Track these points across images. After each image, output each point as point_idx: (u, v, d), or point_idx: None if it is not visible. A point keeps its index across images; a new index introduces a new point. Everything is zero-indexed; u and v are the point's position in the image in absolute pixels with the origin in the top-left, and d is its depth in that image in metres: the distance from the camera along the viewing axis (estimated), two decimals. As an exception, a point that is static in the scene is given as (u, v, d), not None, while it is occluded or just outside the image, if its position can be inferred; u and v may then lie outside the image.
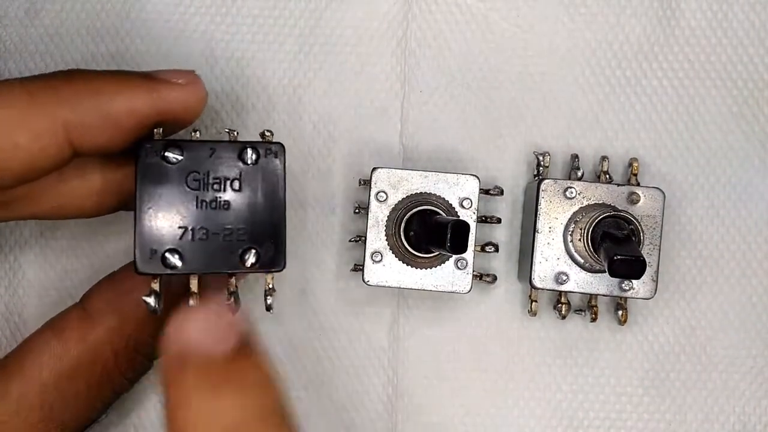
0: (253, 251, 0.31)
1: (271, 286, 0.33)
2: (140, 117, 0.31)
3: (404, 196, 0.37)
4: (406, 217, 0.36)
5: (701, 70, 0.40)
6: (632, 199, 0.37)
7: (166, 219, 0.31)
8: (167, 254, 0.30)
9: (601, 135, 0.40)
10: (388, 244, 0.37)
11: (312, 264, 0.40)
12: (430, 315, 0.40)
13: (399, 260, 0.36)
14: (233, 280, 0.32)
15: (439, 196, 0.36)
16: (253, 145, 0.32)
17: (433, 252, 0.36)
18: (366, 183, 0.37)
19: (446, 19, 0.40)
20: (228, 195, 0.31)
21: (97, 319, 0.34)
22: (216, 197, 0.31)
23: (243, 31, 0.40)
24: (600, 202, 0.37)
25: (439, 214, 0.36)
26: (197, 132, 0.32)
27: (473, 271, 0.37)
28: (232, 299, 0.32)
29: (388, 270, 0.37)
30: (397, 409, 0.40)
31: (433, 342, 0.40)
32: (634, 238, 0.35)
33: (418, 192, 0.37)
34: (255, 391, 0.28)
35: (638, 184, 0.38)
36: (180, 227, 0.31)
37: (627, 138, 0.40)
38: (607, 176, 0.38)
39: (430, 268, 0.36)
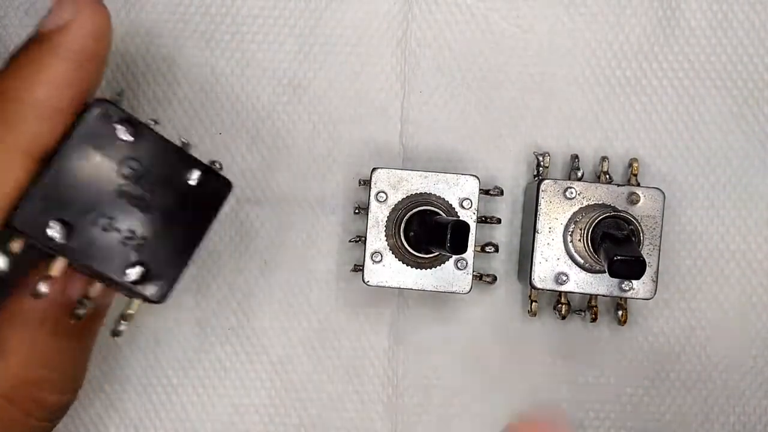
0: (141, 270, 0.28)
1: (132, 312, 0.29)
2: (70, 92, 0.27)
3: (404, 197, 0.37)
4: (406, 218, 0.36)
5: (701, 70, 0.40)
6: (632, 199, 0.37)
7: (79, 188, 0.27)
8: (53, 223, 0.26)
9: (601, 135, 0.40)
10: (388, 245, 0.37)
11: (312, 264, 0.40)
12: (430, 315, 0.40)
13: (399, 260, 0.36)
14: (96, 287, 0.29)
15: (439, 196, 0.36)
16: (206, 169, 0.29)
17: (433, 252, 0.36)
18: (366, 183, 0.37)
19: (446, 19, 0.40)
20: (155, 201, 0.28)
21: None
22: (142, 196, 0.28)
23: (243, 31, 0.40)
24: (600, 202, 0.37)
25: (439, 214, 0.36)
26: (157, 123, 0.29)
27: (473, 271, 0.37)
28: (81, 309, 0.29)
29: (388, 270, 0.37)
30: (397, 409, 0.40)
31: (433, 342, 0.40)
32: (634, 239, 0.35)
33: (418, 192, 0.37)
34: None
35: (638, 185, 0.38)
36: (87, 204, 0.27)
37: (627, 138, 0.40)
38: (607, 176, 0.38)
39: (430, 268, 0.36)
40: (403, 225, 0.36)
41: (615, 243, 0.34)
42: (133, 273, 0.27)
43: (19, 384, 0.30)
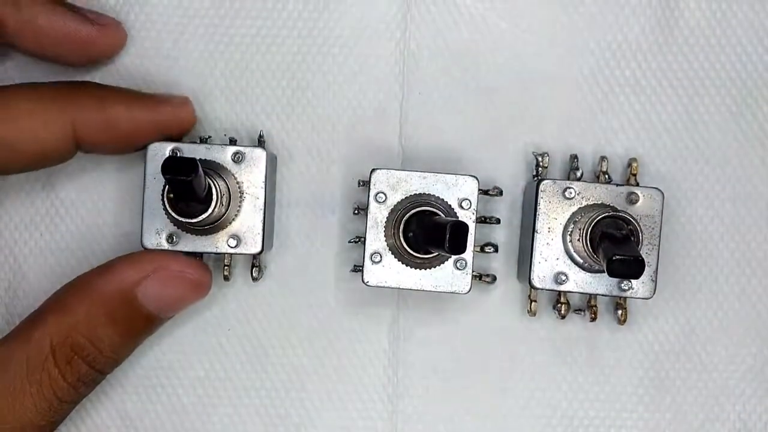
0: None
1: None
2: (138, 123, 0.36)
3: (403, 197, 0.37)
4: (405, 218, 0.36)
5: (700, 69, 0.40)
6: (631, 199, 0.37)
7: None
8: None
9: (600, 135, 0.40)
10: (387, 245, 0.37)
11: (312, 265, 0.40)
12: (429, 315, 0.40)
13: (398, 261, 0.36)
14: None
15: (438, 196, 0.36)
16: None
17: (433, 253, 0.36)
18: (365, 184, 0.37)
19: (445, 20, 0.40)
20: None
21: (45, 314, 0.35)
22: None
23: (243, 31, 0.40)
24: (599, 202, 0.37)
25: (438, 214, 0.36)
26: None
27: (472, 271, 0.37)
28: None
29: (387, 271, 0.37)
30: (397, 409, 0.40)
31: (433, 342, 0.40)
32: (633, 238, 0.35)
33: (417, 193, 0.37)
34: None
35: (637, 184, 0.38)
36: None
37: (626, 138, 0.40)
38: (606, 176, 0.38)
39: (430, 268, 0.36)
40: (402, 225, 0.36)
41: (614, 243, 0.34)
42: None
43: (64, 343, 0.34)
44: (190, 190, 0.33)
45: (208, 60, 0.40)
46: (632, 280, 0.37)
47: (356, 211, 0.38)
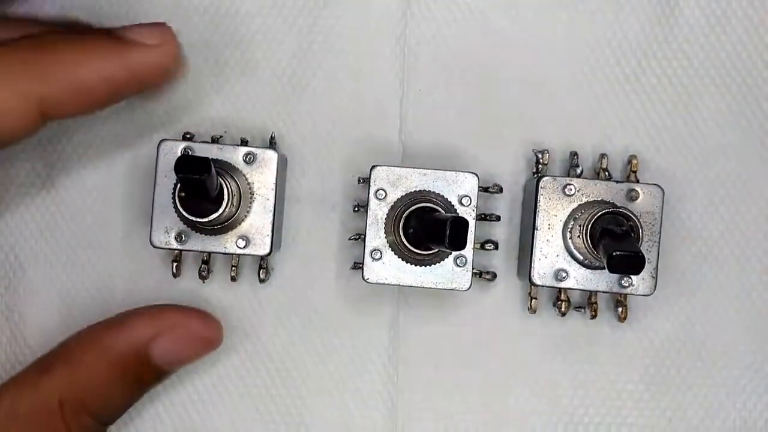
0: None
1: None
2: (112, 83, 0.31)
3: (403, 194, 0.37)
4: (405, 215, 0.36)
5: (700, 67, 0.40)
6: (631, 195, 0.37)
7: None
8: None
9: (600, 132, 0.40)
10: (387, 242, 0.37)
11: (312, 262, 0.40)
12: (429, 312, 0.40)
13: (398, 258, 0.36)
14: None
15: (438, 193, 0.36)
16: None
17: (433, 249, 0.36)
18: (365, 181, 0.37)
19: (444, 16, 0.40)
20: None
21: (54, 365, 0.34)
22: None
23: (243, 31, 0.40)
24: (599, 198, 0.37)
25: (438, 211, 0.36)
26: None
27: (473, 268, 0.37)
28: None
29: (387, 268, 0.37)
30: (398, 407, 0.40)
31: (433, 339, 0.40)
32: (633, 235, 0.35)
33: (417, 190, 0.37)
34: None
35: (637, 181, 0.38)
36: None
37: (626, 135, 0.40)
38: (606, 173, 0.38)
39: (430, 265, 0.37)
40: (402, 222, 0.36)
41: (614, 239, 0.34)
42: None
43: (73, 398, 0.34)
44: (203, 189, 0.32)
45: (209, 60, 0.40)
46: (632, 277, 0.37)
47: (356, 208, 0.38)
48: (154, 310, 0.36)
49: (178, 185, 0.34)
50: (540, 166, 0.38)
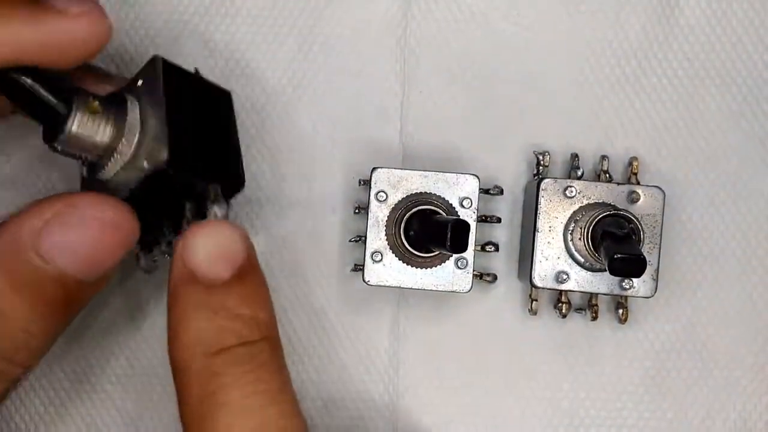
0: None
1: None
2: (20, 51, 0.26)
3: (404, 196, 0.37)
4: (406, 217, 0.36)
5: (701, 68, 0.40)
6: (632, 197, 0.37)
7: None
8: None
9: (601, 134, 0.40)
10: (388, 244, 0.37)
11: (312, 264, 0.40)
12: (430, 315, 0.40)
13: (399, 260, 0.36)
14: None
15: (439, 195, 0.36)
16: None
17: (434, 251, 0.36)
18: (366, 183, 0.37)
19: (446, 18, 0.40)
20: None
21: None
22: None
23: (243, 31, 0.40)
24: (600, 201, 0.37)
25: (439, 213, 0.36)
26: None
27: (473, 270, 0.37)
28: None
29: (388, 270, 0.37)
30: (398, 409, 0.40)
31: (434, 341, 0.40)
32: (634, 237, 0.35)
33: (418, 192, 0.37)
34: (252, 315, 0.27)
35: (638, 183, 0.38)
36: None
37: (627, 137, 0.40)
38: (607, 175, 0.38)
39: (431, 267, 0.36)
40: (403, 224, 0.36)
41: (615, 241, 0.34)
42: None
43: None
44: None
45: (209, 60, 0.40)
46: (633, 279, 0.37)
47: (357, 210, 0.38)
48: (42, 200, 0.28)
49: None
50: (541, 167, 0.38)
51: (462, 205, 0.36)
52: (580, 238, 0.36)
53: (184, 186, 0.30)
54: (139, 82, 0.32)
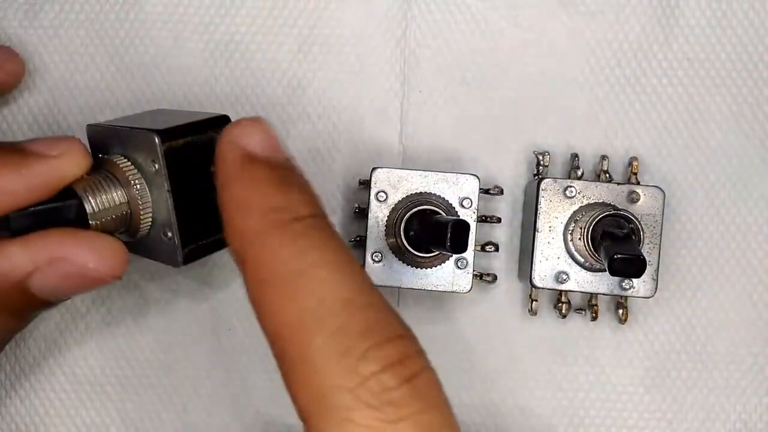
0: None
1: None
2: (10, 197, 0.29)
3: (404, 196, 0.37)
4: (406, 217, 0.36)
5: (701, 68, 0.40)
6: (632, 198, 0.37)
7: None
8: None
9: (601, 134, 0.40)
10: (388, 244, 0.37)
11: (312, 264, 0.40)
12: (430, 314, 0.40)
13: (399, 260, 0.36)
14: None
15: (439, 195, 0.36)
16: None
17: (434, 252, 0.36)
18: (366, 183, 0.37)
19: (446, 18, 0.40)
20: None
21: None
22: None
23: (243, 31, 0.40)
24: (600, 201, 0.37)
25: (439, 213, 0.36)
26: None
27: (473, 270, 0.37)
28: None
29: (388, 270, 0.37)
30: (398, 409, 0.40)
31: (434, 341, 0.40)
32: (634, 237, 0.35)
33: (418, 192, 0.37)
34: (309, 192, 0.28)
35: (638, 183, 0.38)
36: None
37: (627, 137, 0.40)
38: (607, 175, 0.38)
39: (431, 267, 0.36)
40: (403, 224, 0.36)
41: (615, 241, 0.34)
42: None
43: None
44: None
45: (208, 60, 0.40)
46: (633, 279, 0.37)
47: (357, 211, 0.38)
48: (32, 238, 0.29)
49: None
50: (541, 167, 0.38)
51: (462, 205, 0.36)
52: (580, 238, 0.36)
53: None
54: (152, 167, 0.31)
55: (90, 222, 0.30)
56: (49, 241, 0.29)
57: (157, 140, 0.30)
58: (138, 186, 0.31)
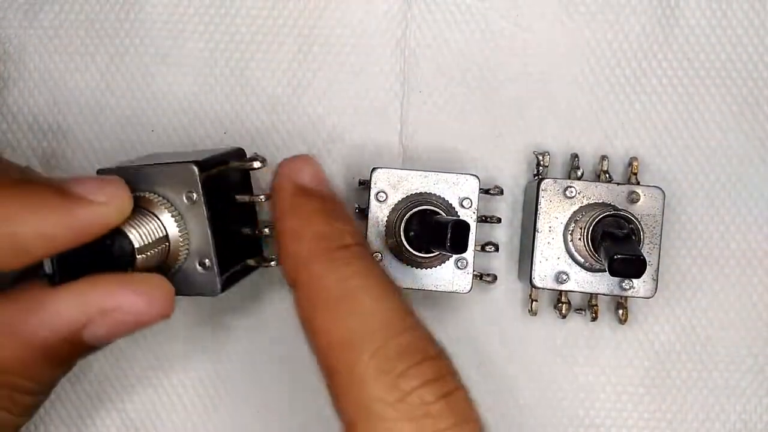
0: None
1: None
2: (51, 241, 0.28)
3: (404, 196, 0.37)
4: (406, 217, 0.36)
5: (701, 68, 0.40)
6: (632, 198, 0.37)
7: None
8: None
9: (601, 134, 0.40)
10: (388, 245, 0.37)
11: (312, 264, 0.40)
12: (430, 315, 0.40)
13: (399, 260, 0.36)
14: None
15: (439, 196, 0.36)
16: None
17: (434, 252, 0.36)
18: (366, 183, 0.37)
19: (446, 18, 0.40)
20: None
21: None
22: None
23: (243, 31, 0.40)
24: (600, 201, 0.37)
25: (439, 214, 0.36)
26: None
27: (473, 270, 0.37)
28: None
29: (388, 270, 0.36)
30: (398, 409, 0.40)
31: (434, 342, 0.40)
32: (634, 237, 0.35)
33: (418, 192, 0.37)
34: (352, 223, 0.31)
35: (638, 183, 0.38)
36: None
37: (627, 137, 0.40)
38: (607, 175, 0.38)
39: (431, 268, 0.36)
40: (403, 225, 0.36)
41: (615, 242, 0.34)
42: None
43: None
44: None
45: (208, 60, 0.40)
46: (633, 280, 0.37)
47: (357, 211, 0.38)
48: (81, 289, 0.29)
49: None
50: (541, 168, 0.38)
51: (462, 206, 0.36)
52: (580, 239, 0.36)
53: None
54: (186, 199, 0.32)
55: (137, 257, 0.30)
56: (99, 291, 0.29)
57: (196, 170, 0.31)
58: (176, 218, 0.31)
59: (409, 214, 0.36)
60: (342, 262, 0.29)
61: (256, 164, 0.34)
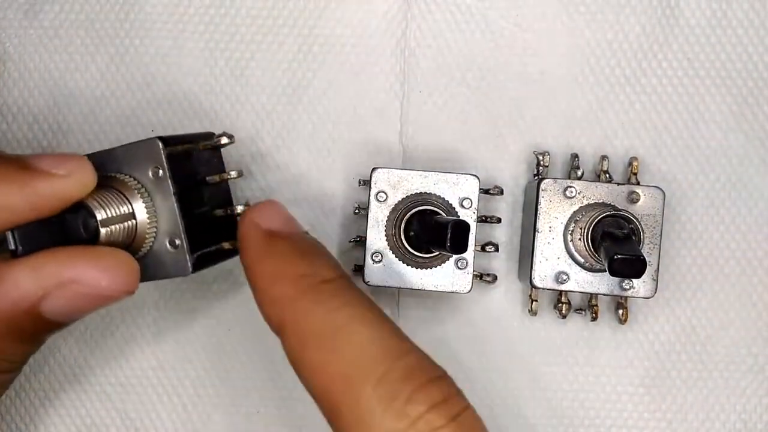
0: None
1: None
2: (11, 214, 0.28)
3: (404, 196, 0.37)
4: (406, 217, 0.36)
5: (701, 68, 0.40)
6: (632, 198, 0.37)
7: None
8: None
9: (601, 134, 0.40)
10: (388, 245, 0.37)
11: (312, 264, 0.40)
12: (430, 315, 0.40)
13: (399, 260, 0.36)
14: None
15: (439, 196, 0.36)
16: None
17: (434, 252, 0.36)
18: (366, 183, 0.37)
19: (446, 18, 0.40)
20: None
21: None
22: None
23: (243, 31, 0.40)
24: (600, 201, 0.37)
25: (439, 214, 0.36)
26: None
27: (473, 270, 0.37)
28: None
29: (388, 270, 0.37)
30: (398, 409, 0.40)
31: (433, 342, 0.40)
32: (634, 237, 0.35)
33: (418, 192, 0.37)
34: (331, 257, 0.31)
35: (638, 183, 0.38)
36: None
37: (627, 137, 0.40)
38: (607, 175, 0.38)
39: (431, 268, 0.36)
40: (403, 225, 0.36)
41: (615, 242, 0.34)
42: None
43: None
44: None
45: (208, 60, 0.40)
46: (633, 280, 0.37)
47: (357, 211, 0.38)
48: (39, 261, 0.29)
49: None
50: (541, 168, 0.38)
51: (462, 205, 0.36)
52: (580, 239, 0.36)
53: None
54: (153, 176, 0.32)
55: (101, 230, 0.30)
56: (57, 263, 0.29)
57: (160, 144, 0.30)
58: (142, 195, 0.31)
59: (409, 214, 0.36)
60: (328, 294, 0.28)
61: (224, 140, 0.33)
